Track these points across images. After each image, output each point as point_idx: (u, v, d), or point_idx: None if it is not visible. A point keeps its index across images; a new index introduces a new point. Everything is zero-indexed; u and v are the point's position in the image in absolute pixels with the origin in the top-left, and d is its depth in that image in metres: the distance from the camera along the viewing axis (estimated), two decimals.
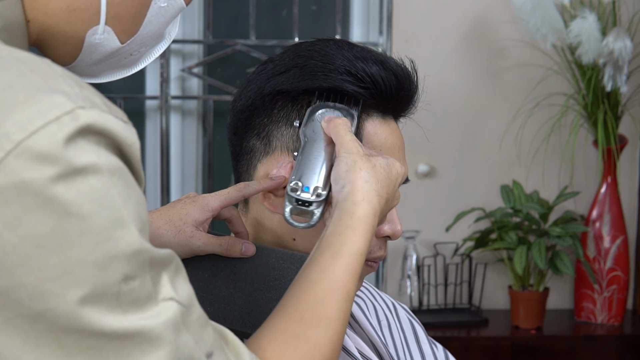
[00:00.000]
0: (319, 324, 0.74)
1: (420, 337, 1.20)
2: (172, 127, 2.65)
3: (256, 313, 0.90)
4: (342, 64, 0.96)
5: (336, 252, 0.78)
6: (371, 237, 0.82)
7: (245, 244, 0.94)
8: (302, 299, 0.75)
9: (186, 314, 0.63)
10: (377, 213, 0.83)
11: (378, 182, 0.84)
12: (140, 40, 0.77)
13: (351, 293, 0.77)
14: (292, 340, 0.72)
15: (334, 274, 0.77)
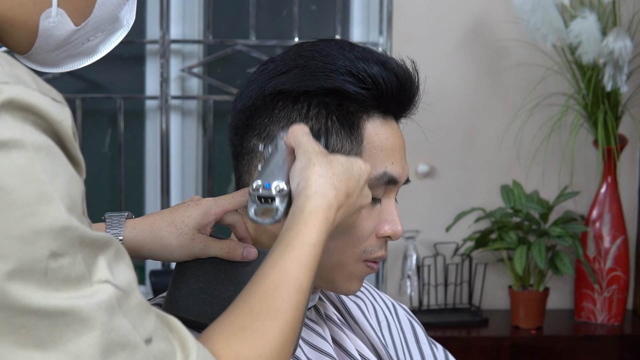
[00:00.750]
0: (267, 315, 0.73)
1: (420, 337, 1.20)
2: (172, 127, 2.65)
3: None
4: (344, 65, 0.96)
5: (287, 246, 0.78)
6: (328, 229, 0.81)
7: (247, 248, 0.94)
8: (253, 292, 0.75)
9: (123, 298, 0.63)
10: (332, 205, 0.82)
11: (334, 176, 0.84)
12: (95, 24, 0.77)
13: (304, 285, 0.77)
14: (239, 332, 0.72)
15: (285, 267, 0.76)
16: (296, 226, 0.80)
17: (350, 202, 0.85)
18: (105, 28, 0.79)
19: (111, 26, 0.79)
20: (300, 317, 0.76)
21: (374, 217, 0.99)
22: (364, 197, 0.89)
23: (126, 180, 2.63)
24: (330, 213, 0.82)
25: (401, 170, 1.00)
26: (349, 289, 1.02)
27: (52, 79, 2.60)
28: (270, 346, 0.72)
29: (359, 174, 0.87)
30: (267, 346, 0.72)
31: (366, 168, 0.88)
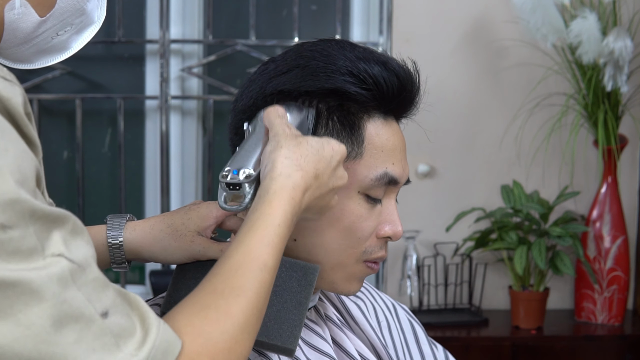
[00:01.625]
0: (230, 294, 0.74)
1: (420, 337, 1.20)
2: (172, 127, 2.65)
3: None
4: (344, 65, 0.96)
5: (251, 227, 0.79)
6: (295, 210, 0.81)
7: None
8: (217, 272, 0.76)
9: (78, 272, 0.64)
10: (298, 186, 0.82)
11: (302, 157, 0.84)
12: (60, 15, 0.77)
13: (269, 263, 0.77)
14: (202, 310, 0.73)
15: (248, 246, 0.77)
16: (261, 207, 0.80)
17: (320, 183, 0.85)
18: (73, 22, 0.79)
19: (79, 20, 0.79)
20: (266, 295, 0.77)
21: (375, 218, 0.99)
22: (337, 178, 0.88)
23: (126, 180, 2.63)
24: (295, 193, 0.82)
25: (402, 171, 1.00)
26: (349, 290, 1.01)
27: (52, 79, 2.60)
28: (233, 323, 0.73)
29: (330, 155, 0.87)
30: (230, 323, 0.72)
31: (339, 149, 0.88)
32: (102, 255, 0.98)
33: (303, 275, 0.93)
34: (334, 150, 0.88)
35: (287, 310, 0.90)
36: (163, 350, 0.68)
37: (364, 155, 0.97)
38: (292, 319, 0.90)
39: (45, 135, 2.66)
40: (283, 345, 0.88)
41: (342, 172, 0.89)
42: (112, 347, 0.65)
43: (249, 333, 0.74)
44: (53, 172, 2.70)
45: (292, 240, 0.98)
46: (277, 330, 0.89)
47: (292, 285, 0.92)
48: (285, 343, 0.88)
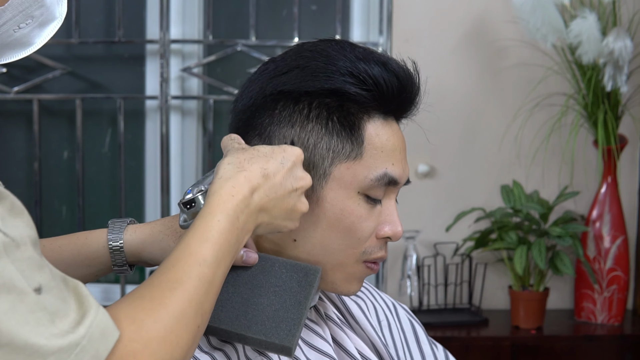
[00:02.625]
0: (166, 286, 0.75)
1: (420, 337, 1.20)
2: (172, 127, 2.65)
3: (252, 316, 0.90)
4: (344, 65, 0.96)
5: (192, 226, 0.81)
6: (238, 207, 0.83)
7: (247, 252, 0.94)
8: (158, 270, 0.77)
9: (12, 247, 0.64)
10: (240, 184, 0.84)
11: (245, 160, 0.86)
12: (19, 5, 0.77)
13: (208, 258, 0.78)
14: (138, 300, 0.74)
15: (187, 243, 0.79)
16: (202, 210, 0.83)
17: (273, 184, 0.87)
18: (34, 13, 0.79)
19: (39, 12, 0.79)
20: (205, 289, 0.77)
21: (374, 218, 0.99)
22: (297, 179, 0.89)
23: (126, 180, 2.63)
24: (236, 191, 0.83)
25: (401, 171, 1.00)
26: (349, 290, 1.02)
27: (52, 79, 2.61)
28: (168, 313, 0.73)
29: (282, 157, 0.89)
30: (165, 312, 0.73)
31: (293, 151, 0.90)
32: (103, 258, 0.99)
33: (304, 276, 0.93)
34: (287, 152, 0.89)
35: (285, 310, 0.90)
36: (101, 332, 0.68)
37: (363, 155, 0.97)
38: (291, 317, 0.90)
39: (45, 135, 2.66)
40: (280, 343, 0.88)
41: (301, 173, 0.90)
42: (47, 322, 0.65)
43: (185, 325, 0.74)
44: (53, 172, 2.70)
45: (292, 240, 0.98)
46: (274, 329, 0.89)
47: (292, 286, 0.92)
48: (283, 341, 0.88)
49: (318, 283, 0.94)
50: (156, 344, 0.71)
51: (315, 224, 0.97)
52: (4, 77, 2.61)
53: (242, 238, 0.84)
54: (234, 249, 0.83)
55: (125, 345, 0.70)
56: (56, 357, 0.65)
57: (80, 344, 0.66)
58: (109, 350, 0.68)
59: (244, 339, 0.90)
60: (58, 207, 2.71)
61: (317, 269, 0.94)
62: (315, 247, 0.98)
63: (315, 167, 0.97)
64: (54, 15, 0.80)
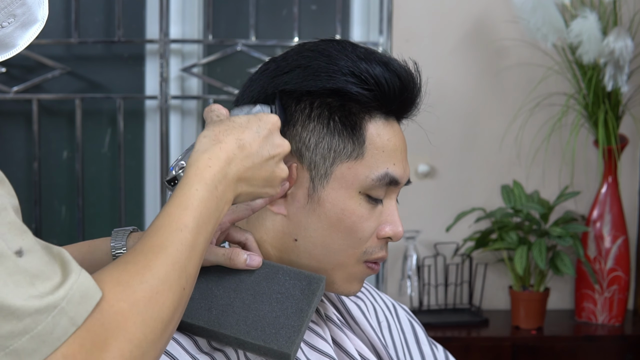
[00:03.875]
0: (149, 251, 0.76)
1: (420, 337, 1.20)
2: (172, 127, 2.65)
3: (252, 322, 0.90)
4: (346, 65, 0.96)
5: (171, 197, 0.82)
6: (215, 177, 0.84)
7: (251, 255, 0.93)
8: (141, 239, 0.78)
9: None
10: (217, 157, 0.85)
11: (220, 132, 0.87)
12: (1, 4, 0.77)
13: (189, 224, 0.79)
14: (123, 264, 0.74)
15: (168, 211, 0.80)
16: (181, 181, 0.84)
17: (248, 153, 0.87)
18: (15, 12, 0.79)
19: (21, 10, 0.79)
20: (188, 253, 0.78)
21: (375, 218, 0.99)
22: (274, 146, 0.90)
23: (126, 180, 2.62)
24: (213, 162, 0.84)
25: (402, 171, 1.00)
26: (349, 290, 1.01)
27: (52, 79, 2.60)
28: (152, 275, 0.74)
29: (257, 125, 0.89)
30: (149, 275, 0.74)
31: (269, 119, 0.90)
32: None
33: (307, 284, 0.92)
34: (262, 120, 0.90)
35: (286, 317, 0.90)
36: (82, 294, 0.68)
37: (365, 155, 0.97)
38: (291, 325, 0.89)
39: (45, 135, 2.66)
40: (279, 349, 0.88)
41: (279, 140, 0.90)
42: (26, 284, 0.65)
43: (170, 286, 0.75)
44: (53, 172, 2.70)
45: (293, 240, 0.98)
46: (274, 335, 0.89)
47: (294, 294, 0.92)
48: (282, 347, 0.88)
49: (322, 292, 0.94)
50: (143, 303, 0.72)
51: (316, 224, 0.97)
52: (4, 77, 2.61)
53: (222, 207, 0.85)
54: (214, 217, 0.83)
55: (112, 305, 0.70)
56: (32, 318, 0.65)
57: (58, 305, 0.66)
58: (88, 312, 0.68)
59: (243, 344, 0.90)
60: (58, 207, 2.71)
61: (321, 278, 0.93)
62: (316, 247, 0.98)
63: (317, 166, 0.96)
64: (36, 18, 0.80)
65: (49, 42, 2.59)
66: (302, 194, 0.97)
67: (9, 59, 0.83)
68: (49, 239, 2.73)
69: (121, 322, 0.70)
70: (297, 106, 0.97)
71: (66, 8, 2.63)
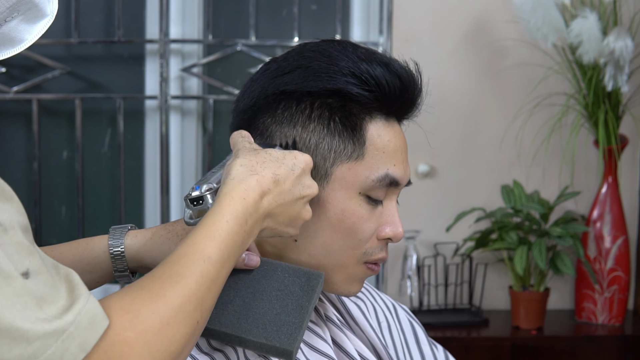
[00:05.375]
0: (167, 280, 0.74)
1: (420, 338, 1.20)
2: (172, 127, 2.65)
3: (253, 319, 0.90)
4: (347, 66, 0.96)
5: (200, 224, 0.80)
6: (248, 210, 0.82)
7: (249, 254, 0.93)
8: (162, 264, 0.76)
9: (0, 231, 0.64)
10: (253, 189, 0.84)
11: (257, 164, 0.86)
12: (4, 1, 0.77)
13: (213, 256, 0.78)
14: (136, 291, 0.72)
15: (194, 240, 0.78)
16: (212, 209, 0.82)
17: (282, 190, 0.86)
18: (20, 8, 0.78)
19: (25, 7, 0.78)
20: (208, 286, 0.76)
21: (375, 219, 0.99)
22: (305, 187, 0.89)
23: (126, 180, 2.62)
24: (248, 194, 0.83)
25: (403, 172, 0.99)
26: (349, 291, 1.01)
27: (52, 79, 2.60)
28: (165, 305, 0.72)
29: (292, 163, 0.89)
30: (162, 305, 0.72)
31: (303, 158, 0.90)
32: (105, 264, 0.99)
33: (306, 280, 0.92)
34: (297, 159, 0.89)
35: (287, 314, 0.90)
36: (90, 320, 0.67)
37: (365, 156, 0.97)
38: (292, 322, 0.89)
39: (45, 135, 2.66)
40: (282, 346, 0.88)
41: (309, 181, 0.90)
42: (34, 307, 0.64)
43: (184, 318, 0.73)
44: (53, 172, 2.70)
45: (293, 241, 0.98)
46: (275, 332, 0.89)
47: (294, 290, 0.92)
48: (284, 344, 0.88)
49: (321, 288, 0.94)
50: (151, 335, 0.70)
51: (316, 225, 0.97)
52: (4, 77, 2.61)
53: (247, 241, 0.84)
54: (239, 251, 0.82)
55: (118, 333, 0.68)
56: (42, 342, 0.64)
57: (67, 330, 0.65)
58: (97, 338, 0.67)
59: (245, 343, 0.89)
60: (58, 207, 2.71)
61: (320, 274, 0.93)
62: (316, 248, 0.98)
63: (317, 167, 0.96)
64: (45, 12, 0.79)
65: (49, 42, 2.59)
66: None
67: (9, 59, 0.83)
68: (49, 239, 2.73)
69: (126, 352, 0.68)
70: (297, 107, 0.97)
71: (66, 8, 2.63)
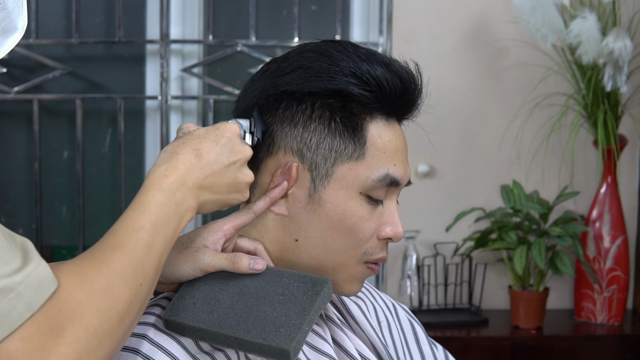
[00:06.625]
0: (108, 249, 0.79)
1: (420, 337, 1.20)
2: (172, 127, 2.65)
3: (253, 322, 0.89)
4: (347, 66, 0.96)
5: (130, 205, 0.85)
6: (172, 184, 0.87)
7: (255, 258, 0.93)
8: (102, 238, 0.82)
9: None
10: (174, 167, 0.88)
11: (178, 146, 0.90)
12: None
13: (145, 225, 0.82)
14: (82, 259, 0.77)
15: (125, 215, 0.83)
16: (139, 191, 0.87)
17: (207, 161, 0.90)
18: None
19: (1, 15, 0.79)
20: (144, 251, 0.81)
21: (376, 219, 0.99)
22: (234, 152, 0.92)
23: (126, 180, 2.63)
24: (169, 172, 0.87)
25: (403, 172, 1.00)
26: (349, 290, 1.02)
27: (53, 79, 2.61)
28: (109, 269, 0.77)
29: (215, 134, 0.92)
30: (106, 269, 0.76)
31: (227, 127, 0.93)
32: None
33: (311, 286, 0.92)
34: (219, 130, 0.93)
35: (287, 316, 0.90)
36: (39, 282, 0.71)
37: (366, 156, 0.97)
38: (292, 323, 0.89)
39: (46, 135, 2.67)
40: (278, 345, 0.87)
41: (239, 147, 0.93)
42: None
43: (127, 281, 0.78)
44: (53, 172, 2.70)
45: (294, 240, 0.98)
46: (273, 333, 0.88)
47: (297, 295, 0.91)
48: (280, 344, 0.87)
49: (328, 294, 0.93)
50: (99, 294, 0.74)
51: (316, 225, 0.97)
52: (4, 77, 2.61)
53: (183, 213, 0.87)
54: (173, 221, 0.86)
55: (70, 292, 0.72)
56: None
57: (15, 289, 0.69)
58: (44, 299, 0.70)
59: (243, 344, 0.89)
60: (58, 207, 2.71)
61: (326, 279, 0.92)
62: (316, 248, 0.98)
63: (318, 167, 0.97)
64: (16, 26, 0.81)
65: (50, 42, 2.59)
66: (303, 194, 0.98)
67: (9, 59, 0.83)
68: (49, 239, 2.73)
69: (77, 309, 0.72)
70: (298, 107, 0.97)
71: (67, 8, 2.64)
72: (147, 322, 0.93)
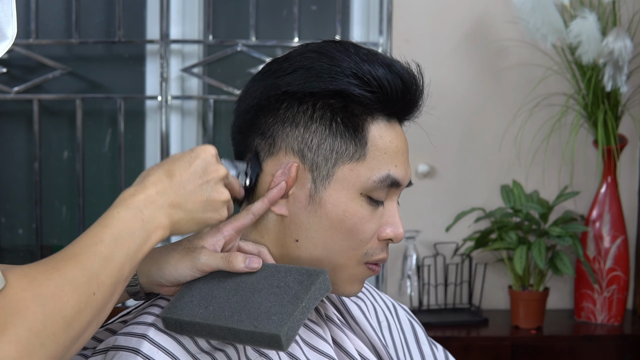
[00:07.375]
0: (63, 258, 0.79)
1: (420, 337, 1.20)
2: (172, 127, 2.65)
3: (246, 313, 0.90)
4: (349, 67, 0.96)
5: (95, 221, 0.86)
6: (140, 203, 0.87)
7: (250, 257, 0.94)
8: (63, 249, 0.82)
9: None
10: (143, 187, 0.89)
11: (152, 169, 0.91)
12: None
13: (104, 238, 0.83)
14: (36, 265, 0.78)
15: (89, 229, 0.84)
16: None
17: (179, 181, 0.90)
18: None
19: None
20: (101, 263, 0.81)
21: (376, 220, 0.99)
22: (206, 172, 0.92)
23: (126, 180, 2.63)
24: (139, 191, 0.88)
25: (404, 173, 1.00)
26: (350, 291, 1.02)
27: (53, 79, 2.61)
28: (60, 275, 0.77)
29: (189, 156, 0.92)
30: (57, 275, 0.77)
31: (202, 148, 0.93)
32: None
33: (307, 277, 0.92)
34: (195, 151, 0.93)
35: (281, 305, 0.90)
36: None
37: (367, 157, 0.97)
38: (284, 311, 0.89)
39: (46, 135, 2.67)
40: (269, 332, 0.87)
41: (213, 166, 0.93)
42: None
43: (77, 287, 0.78)
44: (53, 172, 2.70)
45: (294, 240, 0.98)
46: (265, 320, 0.88)
47: (292, 286, 0.92)
48: (272, 330, 0.87)
49: (325, 284, 0.93)
50: (45, 297, 0.75)
51: (317, 225, 0.97)
52: (4, 77, 2.61)
53: (152, 230, 0.87)
54: (138, 237, 0.86)
55: (16, 292, 0.73)
56: None
57: None
58: None
59: (237, 334, 0.89)
60: (58, 207, 2.71)
61: (322, 271, 0.93)
62: (317, 248, 0.98)
63: (319, 167, 0.97)
64: (5, 35, 0.81)
65: (50, 42, 2.59)
66: (304, 195, 0.98)
67: (9, 59, 0.84)
68: (49, 239, 2.73)
69: (22, 309, 0.73)
70: (299, 107, 0.97)
71: (67, 8, 2.64)
72: (145, 322, 0.93)
